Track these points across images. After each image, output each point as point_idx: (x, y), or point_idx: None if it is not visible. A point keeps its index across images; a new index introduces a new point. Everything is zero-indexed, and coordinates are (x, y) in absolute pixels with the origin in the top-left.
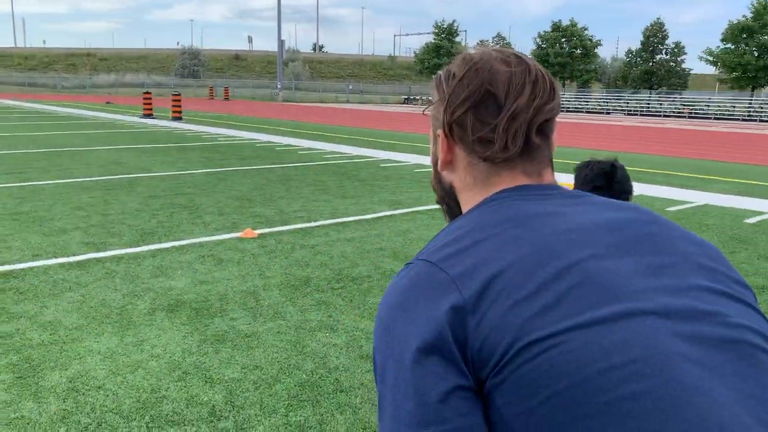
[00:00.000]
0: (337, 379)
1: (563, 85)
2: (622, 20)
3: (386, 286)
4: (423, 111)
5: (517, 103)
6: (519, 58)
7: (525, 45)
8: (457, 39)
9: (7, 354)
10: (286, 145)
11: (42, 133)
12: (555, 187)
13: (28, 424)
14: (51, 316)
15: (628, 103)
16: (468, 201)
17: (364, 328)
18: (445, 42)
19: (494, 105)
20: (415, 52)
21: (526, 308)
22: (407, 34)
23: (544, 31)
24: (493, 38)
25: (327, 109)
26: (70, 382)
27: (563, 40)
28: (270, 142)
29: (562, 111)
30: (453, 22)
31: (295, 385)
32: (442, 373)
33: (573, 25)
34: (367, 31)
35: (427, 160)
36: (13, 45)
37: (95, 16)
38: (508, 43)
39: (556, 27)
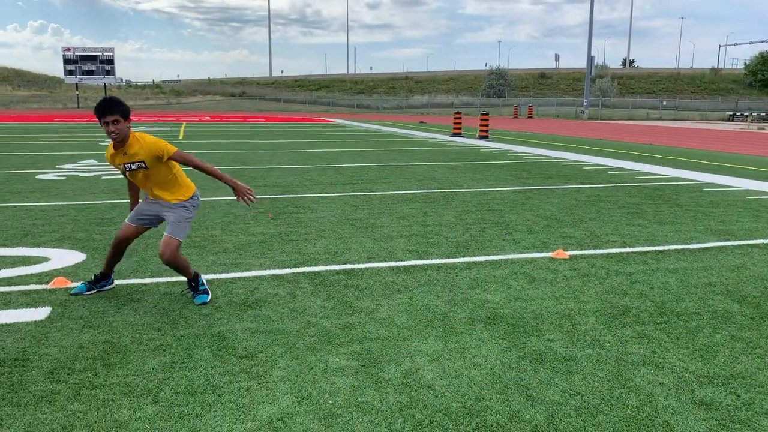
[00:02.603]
0: (666, 421)
1: None
2: None
3: (720, 327)
4: None
5: None
6: None
7: None
8: None
9: (352, 343)
10: (594, 165)
11: (369, 149)
12: None
13: (372, 409)
14: (385, 314)
15: None
16: None
17: (696, 371)
18: None
19: None
20: (745, 63)
21: None
22: (735, 44)
23: None
24: None
25: (637, 127)
26: (404, 377)
27: None
28: (577, 161)
29: None
30: None
31: (619, 420)
32: None
33: None
34: (685, 42)
35: (763, 186)
36: (345, 72)
37: (412, 42)
38: None
39: None
